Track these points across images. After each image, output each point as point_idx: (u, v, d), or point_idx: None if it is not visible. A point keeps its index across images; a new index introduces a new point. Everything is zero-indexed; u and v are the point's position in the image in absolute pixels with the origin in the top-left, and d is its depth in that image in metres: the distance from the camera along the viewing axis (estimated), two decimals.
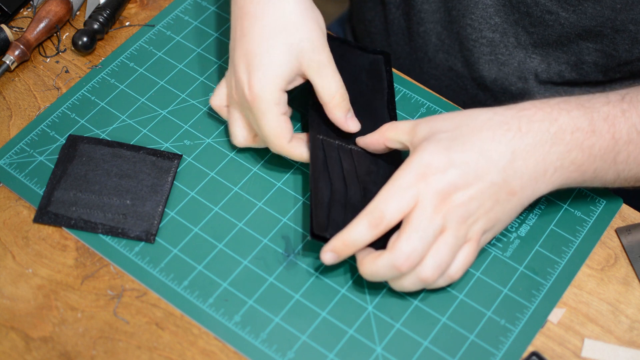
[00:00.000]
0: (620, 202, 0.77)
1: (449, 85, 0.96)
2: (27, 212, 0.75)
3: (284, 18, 0.71)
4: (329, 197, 0.72)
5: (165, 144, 0.80)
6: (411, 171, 0.66)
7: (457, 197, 0.65)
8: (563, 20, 0.81)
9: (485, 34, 0.87)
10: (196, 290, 0.71)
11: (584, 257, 0.74)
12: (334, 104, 0.73)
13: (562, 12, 0.80)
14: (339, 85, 0.73)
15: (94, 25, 0.86)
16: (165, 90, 0.84)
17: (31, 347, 0.68)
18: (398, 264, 0.64)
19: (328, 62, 0.72)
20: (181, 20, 0.89)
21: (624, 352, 0.69)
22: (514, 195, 0.67)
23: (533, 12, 0.82)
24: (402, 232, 0.65)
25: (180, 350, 0.68)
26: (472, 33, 0.88)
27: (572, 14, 0.80)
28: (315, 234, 0.69)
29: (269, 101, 0.70)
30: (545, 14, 0.82)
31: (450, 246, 0.65)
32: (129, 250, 0.73)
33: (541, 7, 0.81)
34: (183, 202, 0.76)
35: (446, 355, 0.68)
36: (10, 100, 0.83)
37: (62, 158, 0.78)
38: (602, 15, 0.78)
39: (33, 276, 0.72)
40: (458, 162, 0.65)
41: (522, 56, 0.88)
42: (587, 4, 0.78)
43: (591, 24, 0.80)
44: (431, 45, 0.94)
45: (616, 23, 0.79)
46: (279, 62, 0.71)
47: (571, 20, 0.81)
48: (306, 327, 0.69)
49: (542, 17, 0.82)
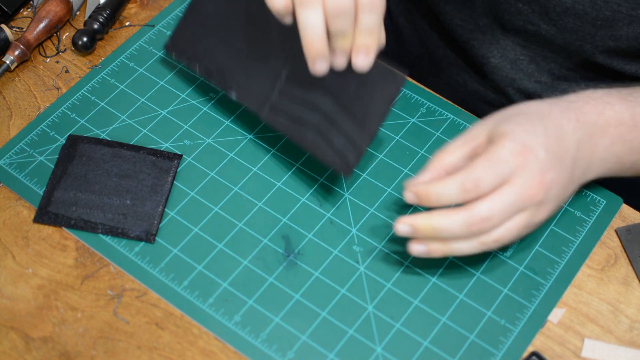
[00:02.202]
0: (620, 202, 0.77)
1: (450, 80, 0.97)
2: (27, 212, 0.75)
3: None
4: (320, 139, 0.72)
5: (165, 144, 0.80)
6: (509, 147, 0.66)
7: (546, 186, 0.66)
8: (544, 32, 0.82)
9: (494, 54, 0.89)
10: (196, 290, 0.71)
11: (584, 257, 0.74)
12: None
13: (543, 24, 0.81)
14: None
15: (94, 25, 0.86)
16: (165, 90, 0.84)
17: (31, 347, 0.68)
18: (471, 222, 0.64)
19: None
20: None
21: (624, 352, 0.69)
22: (573, 182, 0.69)
23: (516, 21, 0.83)
24: (488, 198, 0.65)
25: (180, 350, 0.68)
26: (463, 35, 0.89)
27: (553, 27, 0.81)
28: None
29: None
30: (527, 25, 0.83)
31: (519, 227, 0.66)
32: (129, 250, 0.73)
33: (523, 18, 0.82)
34: (183, 202, 0.76)
35: (446, 355, 0.68)
36: (10, 100, 0.83)
37: (62, 158, 0.78)
38: (582, 30, 0.79)
39: (33, 276, 0.72)
40: (545, 145, 0.67)
41: (512, 56, 0.88)
42: (567, 18, 0.79)
43: (571, 37, 0.81)
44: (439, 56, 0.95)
45: (595, 39, 0.79)
46: None
47: (552, 33, 0.81)
48: (306, 327, 0.69)
49: (524, 27, 0.83)
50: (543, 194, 0.66)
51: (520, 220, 0.66)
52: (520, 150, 0.66)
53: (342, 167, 0.72)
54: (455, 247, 0.67)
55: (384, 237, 0.74)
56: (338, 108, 0.72)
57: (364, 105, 0.71)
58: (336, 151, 0.72)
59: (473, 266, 0.72)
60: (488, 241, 0.66)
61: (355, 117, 0.71)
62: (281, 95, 0.75)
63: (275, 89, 0.76)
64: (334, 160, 0.72)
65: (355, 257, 0.73)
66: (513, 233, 0.66)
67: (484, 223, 0.64)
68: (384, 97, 0.70)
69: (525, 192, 0.65)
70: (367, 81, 0.71)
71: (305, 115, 0.73)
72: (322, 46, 0.67)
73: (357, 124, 0.71)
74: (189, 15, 0.82)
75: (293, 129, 0.74)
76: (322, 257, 0.73)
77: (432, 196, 0.66)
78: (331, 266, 0.72)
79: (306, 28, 0.66)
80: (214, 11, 0.80)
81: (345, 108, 0.72)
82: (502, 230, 0.66)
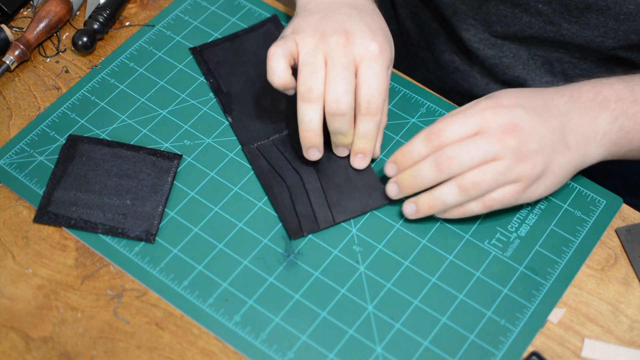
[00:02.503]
0: (620, 202, 0.77)
1: (455, 70, 0.97)
2: (27, 212, 0.75)
3: None
4: (289, 197, 0.74)
5: (165, 144, 0.80)
6: (480, 103, 0.69)
7: (519, 133, 0.67)
8: (565, 32, 0.82)
9: (486, 52, 0.89)
10: (196, 290, 0.71)
11: (584, 257, 0.74)
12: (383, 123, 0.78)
13: (564, 23, 0.81)
14: None
15: (94, 25, 0.86)
16: (165, 90, 0.84)
17: (31, 347, 0.68)
18: (438, 161, 0.67)
19: None
20: (181, 20, 0.89)
21: (624, 352, 0.69)
22: (569, 149, 0.70)
23: (535, 23, 0.83)
24: (456, 142, 0.68)
25: (180, 350, 0.68)
26: (472, 46, 0.89)
27: (575, 24, 0.81)
28: (295, 239, 0.73)
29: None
30: (547, 25, 0.82)
31: (497, 173, 0.67)
32: (129, 250, 0.73)
33: (543, 19, 0.82)
34: (183, 202, 0.76)
35: (446, 355, 0.68)
36: (10, 100, 0.83)
37: (62, 158, 0.78)
38: (605, 25, 0.79)
39: (33, 276, 0.72)
40: (526, 106, 0.69)
41: (525, 57, 0.88)
42: (590, 15, 0.79)
43: (593, 34, 0.80)
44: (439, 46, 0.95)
45: (618, 34, 0.79)
46: None
47: (573, 31, 0.81)
48: (306, 327, 0.69)
49: (544, 28, 0.83)
50: (517, 140, 0.67)
51: (498, 166, 0.67)
52: (491, 105, 0.69)
53: (292, 229, 0.74)
54: (436, 194, 0.69)
55: (384, 237, 0.74)
56: (318, 186, 0.76)
57: (342, 197, 0.75)
58: (295, 214, 0.74)
59: (473, 266, 0.72)
60: (465, 184, 0.68)
61: (328, 202, 0.75)
62: (273, 144, 0.78)
63: (270, 138, 0.79)
64: (288, 219, 0.74)
65: (355, 257, 0.73)
66: (488, 178, 0.67)
67: (450, 161, 0.67)
68: (363, 203, 0.75)
69: (492, 135, 0.67)
70: (356, 181, 0.76)
71: (285, 173, 0.76)
72: (316, 139, 0.72)
73: (326, 206, 0.75)
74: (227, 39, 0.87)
75: (268, 175, 0.77)
76: (322, 257, 0.73)
77: (405, 155, 0.70)
78: (331, 266, 0.72)
79: (303, 122, 0.71)
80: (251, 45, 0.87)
81: (324, 189, 0.75)
82: (477, 173, 0.67)
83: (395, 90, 0.84)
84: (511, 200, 0.69)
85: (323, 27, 0.72)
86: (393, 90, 0.84)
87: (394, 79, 0.85)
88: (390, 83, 0.80)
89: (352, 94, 0.70)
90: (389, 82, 0.74)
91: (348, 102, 0.70)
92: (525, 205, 0.76)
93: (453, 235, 0.74)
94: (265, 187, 0.76)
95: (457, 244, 0.74)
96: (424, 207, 0.71)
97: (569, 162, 0.70)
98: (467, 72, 0.94)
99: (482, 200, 0.69)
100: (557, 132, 0.69)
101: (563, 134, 0.70)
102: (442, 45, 0.95)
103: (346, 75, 0.70)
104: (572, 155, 0.70)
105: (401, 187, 0.72)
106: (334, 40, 0.71)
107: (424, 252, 0.73)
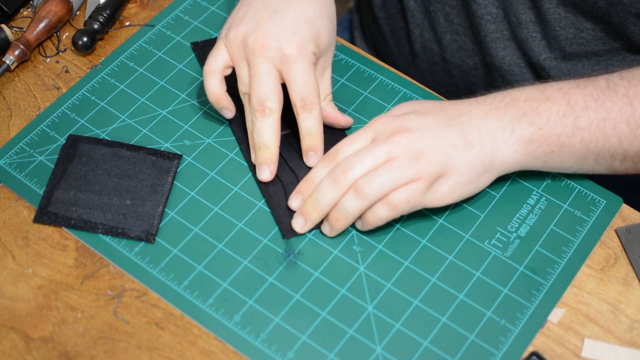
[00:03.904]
0: (620, 202, 0.77)
1: (459, 67, 0.97)
2: (27, 212, 0.75)
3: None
4: (284, 196, 0.75)
5: (165, 144, 0.80)
6: (374, 118, 0.72)
7: (410, 133, 0.69)
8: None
9: (490, 10, 0.88)
10: (196, 290, 0.71)
11: (584, 257, 0.74)
12: (329, 100, 0.79)
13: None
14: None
15: (94, 25, 0.86)
16: (165, 90, 0.84)
17: (31, 347, 0.68)
18: (334, 175, 0.69)
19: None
20: (181, 20, 0.89)
21: (624, 352, 0.69)
22: (472, 147, 0.69)
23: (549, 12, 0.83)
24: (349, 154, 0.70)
25: (180, 350, 0.68)
26: (478, 10, 0.89)
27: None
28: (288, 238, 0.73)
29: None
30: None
31: (391, 170, 0.68)
32: (129, 250, 0.73)
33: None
34: (183, 202, 0.76)
35: (446, 355, 0.68)
36: (10, 100, 0.83)
37: (62, 158, 0.78)
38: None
39: (33, 276, 0.72)
40: (419, 111, 0.71)
41: (524, 35, 0.88)
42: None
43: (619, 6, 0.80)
44: (439, 25, 0.94)
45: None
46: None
47: (600, 5, 0.81)
48: (306, 327, 0.69)
49: (558, 14, 0.84)
50: (407, 139, 0.68)
51: (392, 163, 0.68)
52: (382, 117, 0.71)
53: (286, 228, 0.74)
54: (339, 206, 0.70)
55: (384, 237, 0.74)
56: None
57: None
58: (290, 213, 0.74)
59: (473, 266, 0.73)
60: (361, 187, 0.68)
61: None
62: None
63: None
64: (282, 218, 0.74)
65: (355, 257, 0.73)
66: (383, 176, 0.68)
67: (345, 172, 0.68)
68: None
69: (382, 139, 0.69)
70: None
71: (281, 172, 0.76)
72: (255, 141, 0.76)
73: None
74: None
75: None
76: (322, 257, 0.73)
77: (308, 181, 0.72)
78: (331, 266, 0.72)
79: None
80: None
81: None
82: (372, 175, 0.68)
83: (395, 90, 0.84)
84: (418, 200, 0.69)
85: (245, 29, 0.75)
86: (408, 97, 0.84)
87: (394, 79, 0.84)
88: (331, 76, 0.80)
89: (275, 96, 0.73)
90: (317, 76, 0.76)
91: (273, 105, 0.73)
92: (525, 205, 0.76)
93: (453, 235, 0.74)
94: (261, 186, 0.76)
95: (457, 244, 0.74)
96: (334, 222, 0.71)
97: (474, 160, 0.70)
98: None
99: (387, 201, 0.68)
100: (454, 130, 0.69)
101: (464, 132, 0.69)
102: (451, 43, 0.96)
103: (267, 81, 0.73)
104: (477, 153, 0.69)
105: (306, 215, 0.72)
106: (252, 46, 0.73)
107: (424, 252, 0.73)
